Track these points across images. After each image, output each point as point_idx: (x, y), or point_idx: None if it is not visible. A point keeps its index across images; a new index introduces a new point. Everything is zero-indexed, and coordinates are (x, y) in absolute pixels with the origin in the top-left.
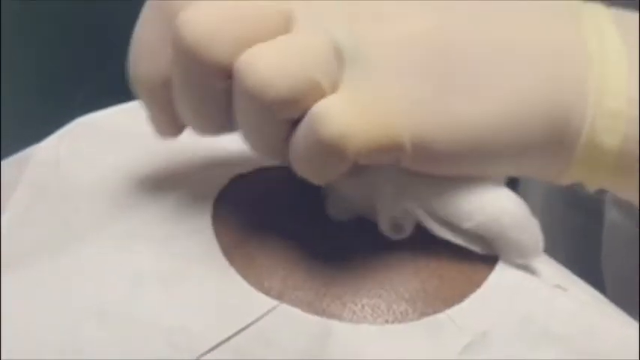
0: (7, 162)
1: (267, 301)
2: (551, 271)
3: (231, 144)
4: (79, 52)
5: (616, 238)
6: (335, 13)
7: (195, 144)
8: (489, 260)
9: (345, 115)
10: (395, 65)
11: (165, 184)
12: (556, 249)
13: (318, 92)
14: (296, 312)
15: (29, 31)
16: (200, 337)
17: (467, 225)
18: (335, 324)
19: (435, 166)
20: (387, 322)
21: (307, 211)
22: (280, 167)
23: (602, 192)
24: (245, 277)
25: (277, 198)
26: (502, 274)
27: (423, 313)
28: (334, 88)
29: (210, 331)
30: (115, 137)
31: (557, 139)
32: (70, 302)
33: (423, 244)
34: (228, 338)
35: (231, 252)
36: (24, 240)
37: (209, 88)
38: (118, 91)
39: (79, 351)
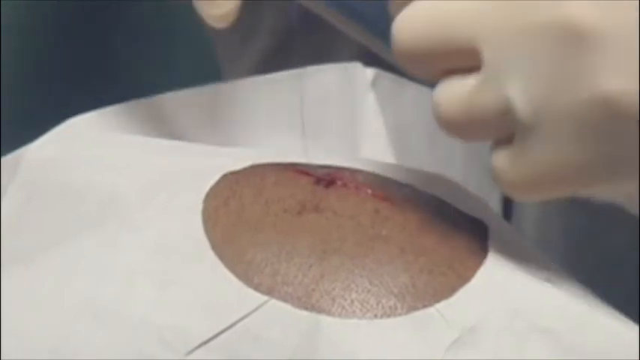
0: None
1: (257, 297)
2: (541, 265)
3: (226, 140)
4: (78, 53)
5: None
6: (519, 68)
7: (186, 143)
8: (479, 255)
9: (519, 176)
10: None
11: (155, 182)
12: (555, 250)
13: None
14: (286, 307)
15: (28, 30)
16: (190, 334)
17: None
18: (324, 319)
19: None
20: (375, 316)
21: (298, 206)
22: (271, 164)
23: None
24: (235, 273)
25: (268, 194)
26: (491, 269)
27: (412, 308)
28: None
29: (200, 328)
30: (107, 137)
31: None
32: (63, 301)
33: (413, 238)
34: (218, 334)
35: (222, 248)
36: (16, 241)
37: None
38: (116, 94)
39: (72, 349)
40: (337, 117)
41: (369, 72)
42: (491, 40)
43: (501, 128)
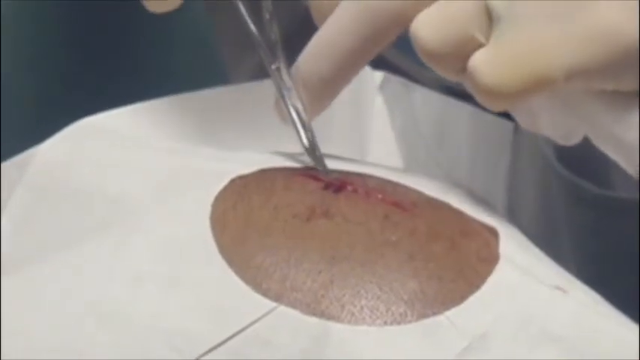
0: (7, 164)
1: (265, 303)
2: (551, 272)
3: (233, 143)
4: (79, 54)
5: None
6: None
7: (196, 147)
8: (489, 261)
9: (495, 66)
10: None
11: (164, 184)
12: (561, 243)
13: (474, 46)
14: (294, 314)
15: (28, 31)
16: (198, 339)
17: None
18: (334, 325)
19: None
20: (385, 323)
21: (307, 212)
22: (280, 168)
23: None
24: (243, 278)
25: (277, 199)
26: (502, 276)
27: (422, 315)
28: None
29: (208, 333)
30: (117, 139)
31: None
32: (70, 303)
33: (422, 244)
34: (226, 340)
35: (230, 253)
36: (24, 241)
37: None
38: (118, 94)
39: (78, 352)
40: (344, 120)
41: (377, 75)
42: None
43: (483, 28)
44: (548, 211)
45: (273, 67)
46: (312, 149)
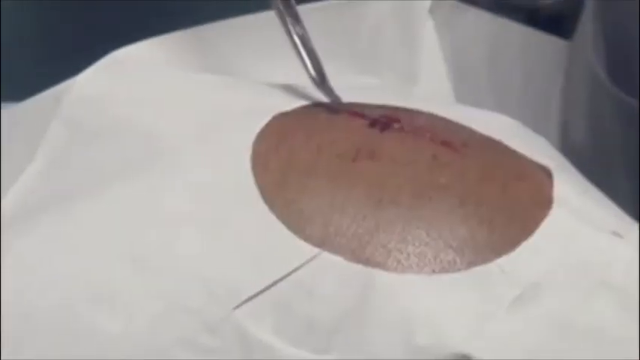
0: (44, 95)
1: (308, 249)
2: (607, 214)
3: (276, 78)
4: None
5: None
6: None
7: (237, 79)
8: (543, 205)
9: None
10: None
11: (204, 122)
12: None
13: None
14: (338, 260)
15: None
16: (237, 286)
17: None
18: (379, 273)
19: None
20: (433, 271)
21: (352, 152)
22: (324, 104)
23: None
24: (285, 222)
25: (320, 138)
26: (556, 220)
27: (472, 263)
28: None
29: (248, 281)
30: (154, 71)
31: None
32: (105, 245)
33: (473, 187)
34: (267, 288)
35: (271, 196)
36: (58, 178)
37: None
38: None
39: (112, 297)
40: (393, 46)
41: None
42: None
43: None
44: (602, 131)
45: None
46: (321, 80)
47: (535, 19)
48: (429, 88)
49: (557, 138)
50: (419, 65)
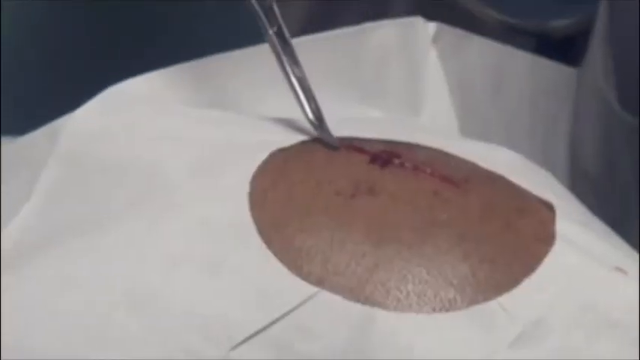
0: (36, 134)
1: (306, 288)
2: (611, 249)
3: (274, 112)
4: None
5: None
6: None
7: (236, 115)
8: (546, 241)
9: None
10: None
11: (202, 158)
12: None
13: None
14: (337, 299)
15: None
16: (235, 327)
17: None
18: (378, 312)
19: None
20: (433, 310)
21: (351, 188)
22: (320, 140)
23: None
24: (283, 261)
25: (319, 174)
26: (559, 257)
27: (473, 301)
28: None
29: (246, 320)
30: (151, 106)
31: None
32: (99, 287)
33: (474, 224)
34: (264, 328)
35: (269, 233)
36: (54, 217)
37: None
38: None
39: (106, 338)
40: (397, 77)
41: (431, 26)
42: None
43: None
44: (612, 158)
45: (270, 32)
46: (319, 122)
47: (544, 45)
48: (433, 120)
49: (566, 166)
50: (422, 96)
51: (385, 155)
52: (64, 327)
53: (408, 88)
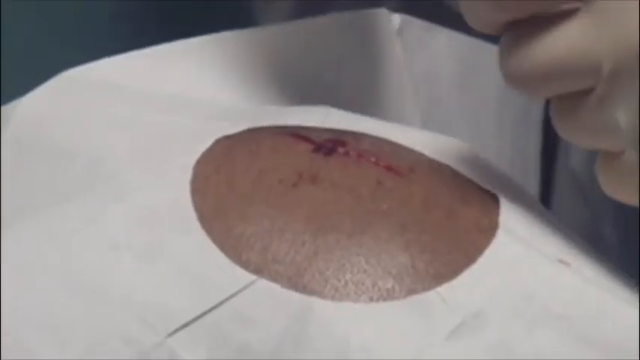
0: None
1: (245, 276)
2: (554, 242)
3: (227, 97)
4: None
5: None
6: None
7: (189, 100)
8: (488, 232)
9: None
10: None
11: (147, 144)
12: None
13: None
14: (275, 288)
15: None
16: (172, 314)
17: None
18: (316, 301)
19: None
20: (371, 299)
21: (293, 177)
22: (269, 128)
23: None
24: (222, 249)
25: (262, 162)
26: (500, 248)
27: (411, 291)
28: None
29: (183, 307)
30: (102, 92)
31: None
32: (41, 272)
33: (416, 213)
34: (201, 315)
35: (210, 221)
36: (5, 203)
37: None
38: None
39: (48, 324)
40: (359, 70)
41: (396, 18)
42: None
43: None
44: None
45: None
46: None
47: None
48: (395, 112)
49: (538, 158)
50: (385, 87)
51: (330, 144)
52: (6, 310)
53: (369, 80)
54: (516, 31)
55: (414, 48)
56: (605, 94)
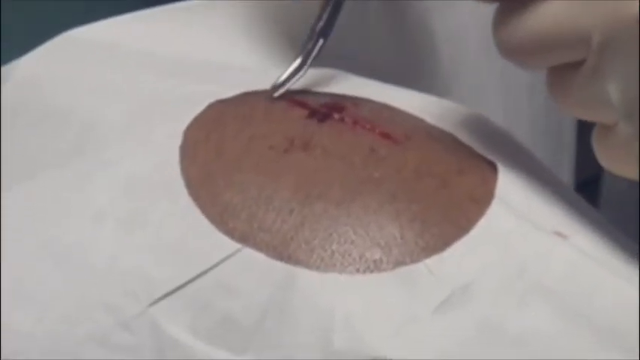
0: None
1: (229, 244)
2: (552, 214)
3: (231, 59)
4: None
5: None
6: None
7: (185, 63)
8: (482, 203)
9: None
10: None
11: (138, 110)
12: None
13: None
14: (260, 257)
15: None
16: (155, 283)
17: None
18: (301, 272)
19: None
20: (357, 271)
21: (285, 143)
22: (266, 92)
23: None
24: (209, 216)
25: (254, 128)
26: (494, 219)
27: (399, 263)
28: None
29: (166, 276)
30: (101, 54)
31: None
32: (28, 237)
33: (408, 182)
34: (184, 284)
35: (197, 188)
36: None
37: None
38: None
39: (29, 291)
40: (377, 27)
41: None
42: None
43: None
44: None
45: None
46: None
47: None
48: (412, 74)
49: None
50: (402, 51)
51: (325, 109)
52: None
53: (392, 37)
54: (509, 2)
55: (438, 12)
56: (596, 66)
